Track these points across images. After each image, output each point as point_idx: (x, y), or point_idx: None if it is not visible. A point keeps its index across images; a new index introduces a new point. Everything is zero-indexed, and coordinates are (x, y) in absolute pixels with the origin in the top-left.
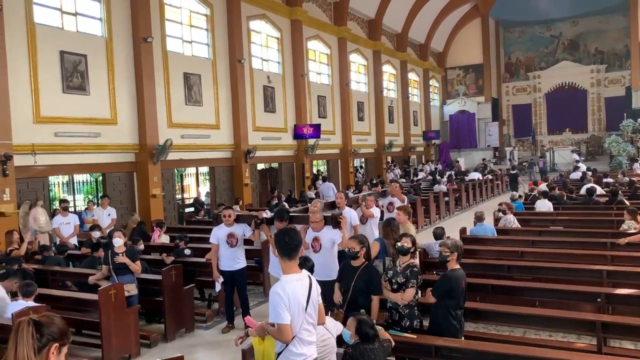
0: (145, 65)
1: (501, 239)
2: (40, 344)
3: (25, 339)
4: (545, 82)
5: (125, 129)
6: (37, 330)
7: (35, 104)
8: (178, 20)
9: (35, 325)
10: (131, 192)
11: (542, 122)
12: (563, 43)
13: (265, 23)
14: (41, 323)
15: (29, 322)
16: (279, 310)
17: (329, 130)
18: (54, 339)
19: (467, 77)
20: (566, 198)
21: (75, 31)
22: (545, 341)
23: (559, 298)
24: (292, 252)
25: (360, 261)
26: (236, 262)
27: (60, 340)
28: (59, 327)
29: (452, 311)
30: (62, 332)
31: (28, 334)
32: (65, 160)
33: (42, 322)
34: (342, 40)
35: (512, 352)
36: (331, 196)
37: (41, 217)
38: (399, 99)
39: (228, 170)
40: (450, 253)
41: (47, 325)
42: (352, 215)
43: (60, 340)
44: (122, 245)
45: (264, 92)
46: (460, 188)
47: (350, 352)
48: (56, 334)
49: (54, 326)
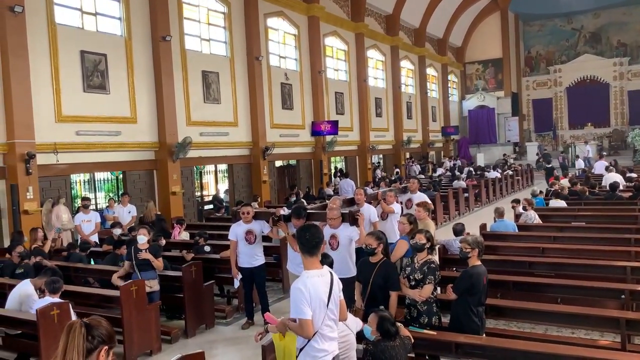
0: (164, 64)
1: (522, 235)
2: (92, 346)
3: (77, 341)
4: (566, 76)
5: (145, 127)
6: (88, 332)
7: (56, 104)
8: (196, 19)
9: (86, 328)
10: (151, 189)
11: (563, 116)
12: (584, 36)
13: (282, 20)
14: (91, 325)
15: (81, 325)
16: (300, 305)
17: (347, 126)
18: (103, 342)
19: (486, 71)
20: (588, 193)
21: (95, 31)
22: (567, 338)
23: (582, 295)
24: (313, 249)
25: (378, 257)
26: (255, 258)
27: (109, 342)
28: (108, 330)
29: (473, 308)
30: (110, 335)
31: (80, 336)
32: (86, 159)
33: (92, 324)
34: (359, 36)
35: (534, 349)
36: (350, 192)
37: (64, 215)
38: (417, 95)
39: (246, 168)
40: (471, 249)
41: (97, 327)
42: (371, 211)
43: (110, 343)
44: (146, 242)
45: (282, 89)
46: (479, 184)
47: (371, 349)
48: (105, 337)
49: (103, 329)
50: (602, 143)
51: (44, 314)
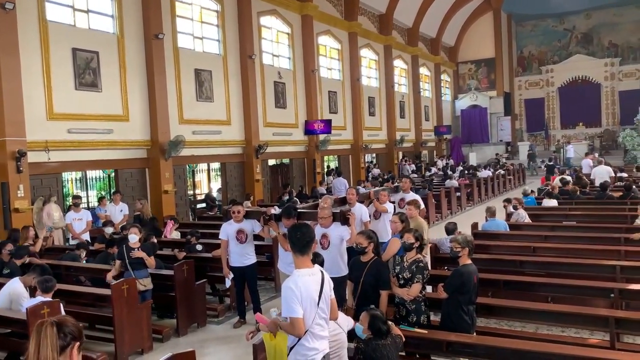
0: (157, 62)
1: (513, 234)
2: (65, 343)
3: (49, 339)
4: (558, 76)
5: (137, 126)
6: (59, 330)
7: (48, 101)
8: (189, 17)
9: (56, 326)
10: (143, 188)
11: (555, 116)
12: (576, 36)
13: (275, 19)
14: (61, 323)
15: (51, 323)
16: (291, 304)
17: (340, 125)
18: (74, 338)
19: (479, 71)
20: (579, 193)
21: (87, 28)
22: (557, 337)
23: (572, 294)
24: (304, 248)
25: (369, 256)
26: (246, 258)
27: (80, 339)
28: (77, 327)
29: (463, 306)
30: (79, 331)
31: (52, 334)
32: (78, 157)
33: (61, 322)
34: (352, 35)
35: (525, 348)
36: (343, 191)
37: (55, 213)
38: (410, 94)
39: (239, 166)
40: (462, 248)
41: (67, 325)
42: (362, 211)
43: (80, 339)
44: (138, 241)
45: (275, 88)
46: (472, 183)
47: (362, 347)
48: (76, 333)
49: (72, 326)
50: (594, 143)
51: (34, 313)
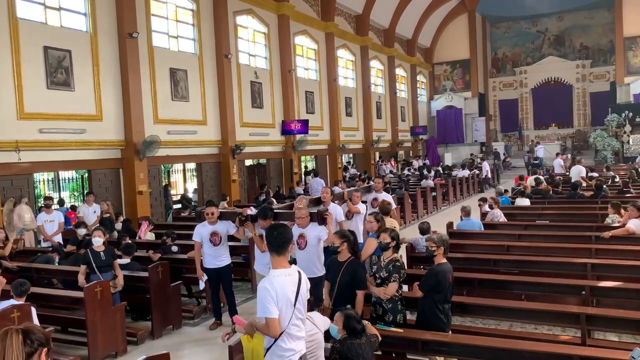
0: (131, 61)
1: (488, 233)
2: (32, 349)
3: (15, 346)
4: (532, 77)
5: (111, 125)
6: (25, 337)
7: (18, 100)
8: (164, 15)
9: (23, 333)
10: (117, 188)
11: (528, 117)
12: (549, 38)
13: (252, 18)
14: (27, 331)
15: (17, 330)
16: (266, 304)
17: (317, 125)
18: (42, 344)
19: (454, 72)
20: (552, 192)
21: (59, 26)
22: (530, 334)
23: (545, 291)
24: (280, 248)
25: (345, 256)
26: (220, 260)
27: (47, 345)
28: (44, 334)
29: (439, 305)
30: (46, 337)
31: (18, 341)
32: (50, 157)
33: (27, 329)
34: (329, 36)
35: (499, 346)
36: (319, 192)
37: (26, 215)
38: (387, 95)
39: (215, 167)
40: (437, 247)
41: (33, 332)
42: (337, 211)
43: (48, 345)
44: (102, 245)
45: (252, 88)
46: (447, 183)
47: (337, 347)
48: (43, 340)
49: (39, 333)
50: (566, 143)
51: (3, 316)
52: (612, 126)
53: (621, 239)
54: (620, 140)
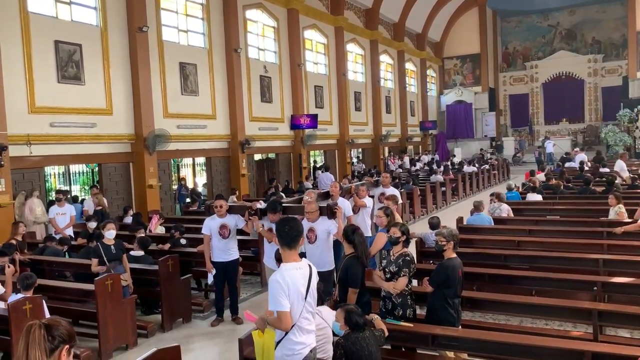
0: (141, 55)
1: (498, 228)
2: (53, 346)
3: (38, 342)
4: (543, 72)
5: (121, 119)
6: (48, 333)
7: (30, 94)
8: (174, 10)
9: (45, 328)
10: (127, 182)
11: (539, 112)
12: (560, 33)
13: (261, 12)
14: (50, 326)
15: (40, 326)
16: (278, 297)
17: (326, 120)
18: (64, 341)
19: (464, 67)
20: (563, 188)
21: (69, 20)
22: (541, 330)
23: (556, 287)
24: (291, 242)
25: (348, 251)
26: (228, 253)
27: (70, 342)
28: (67, 329)
29: (449, 300)
30: (70, 334)
31: (40, 337)
32: (60, 151)
33: (51, 324)
34: (339, 30)
35: (509, 341)
36: (328, 186)
37: (37, 208)
38: (396, 89)
39: (225, 161)
40: (447, 242)
41: (57, 327)
42: (345, 205)
43: (70, 342)
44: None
45: (261, 82)
46: (456, 178)
47: (341, 342)
48: (65, 336)
49: (62, 328)
50: (577, 138)
51: (15, 309)
52: (624, 121)
53: (633, 235)
54: (632, 135)
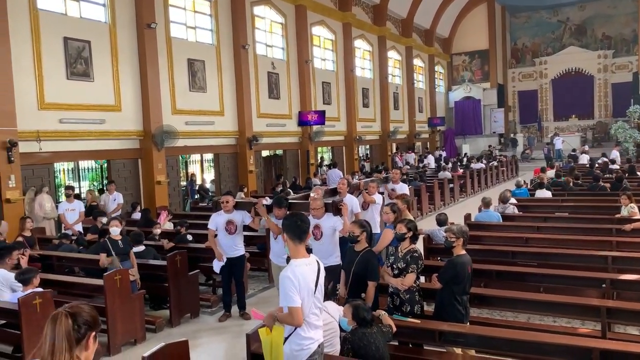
0: (149, 52)
1: (506, 225)
2: (80, 335)
3: (66, 333)
4: (552, 68)
5: (130, 116)
6: (74, 322)
7: (39, 91)
8: (182, 6)
9: (72, 317)
10: (136, 178)
11: (548, 108)
12: (570, 28)
13: (269, 8)
14: (75, 314)
15: (66, 315)
16: (290, 293)
17: (334, 116)
18: (90, 328)
19: (473, 63)
20: (572, 184)
21: (78, 17)
22: (549, 326)
23: (564, 284)
24: (303, 235)
25: (362, 246)
26: (234, 249)
27: (95, 327)
28: (91, 315)
29: (457, 297)
30: (94, 319)
31: (68, 326)
32: (70, 147)
33: (76, 312)
34: (347, 26)
35: (517, 337)
36: (336, 183)
37: (47, 204)
38: (404, 85)
39: (232, 157)
40: (456, 239)
41: (81, 314)
42: (353, 202)
43: (95, 328)
44: (119, 234)
45: (269, 79)
46: (465, 175)
47: (349, 337)
48: (91, 323)
49: (87, 315)
50: (586, 135)
51: (26, 303)
52: (634, 117)
53: None
54: None
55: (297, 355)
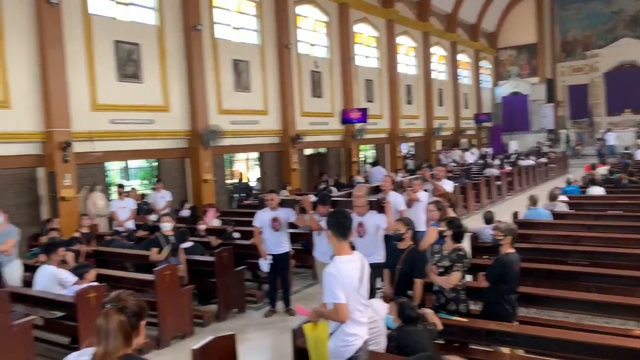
0: (196, 53)
1: (556, 223)
2: (132, 327)
3: (118, 328)
4: (604, 61)
5: (178, 116)
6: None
7: (91, 93)
8: (226, 8)
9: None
10: (183, 177)
11: (600, 102)
12: (624, 19)
13: (312, 7)
14: (125, 308)
15: (116, 310)
16: (334, 290)
17: (377, 114)
18: (140, 317)
19: (520, 57)
20: (627, 181)
21: (128, 21)
22: (601, 327)
23: (616, 284)
24: (346, 232)
25: (407, 244)
26: (280, 246)
27: (144, 316)
28: (138, 305)
29: (505, 295)
30: (141, 308)
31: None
32: (120, 147)
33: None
34: (390, 23)
35: (567, 337)
36: (380, 180)
37: (100, 202)
38: (449, 81)
39: (276, 156)
40: (504, 237)
41: (129, 307)
42: (397, 199)
43: (144, 316)
44: (171, 230)
45: (312, 77)
46: (512, 172)
47: (395, 335)
48: (139, 312)
49: (134, 306)
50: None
51: (81, 297)
52: None
53: None
54: None
55: (342, 351)
